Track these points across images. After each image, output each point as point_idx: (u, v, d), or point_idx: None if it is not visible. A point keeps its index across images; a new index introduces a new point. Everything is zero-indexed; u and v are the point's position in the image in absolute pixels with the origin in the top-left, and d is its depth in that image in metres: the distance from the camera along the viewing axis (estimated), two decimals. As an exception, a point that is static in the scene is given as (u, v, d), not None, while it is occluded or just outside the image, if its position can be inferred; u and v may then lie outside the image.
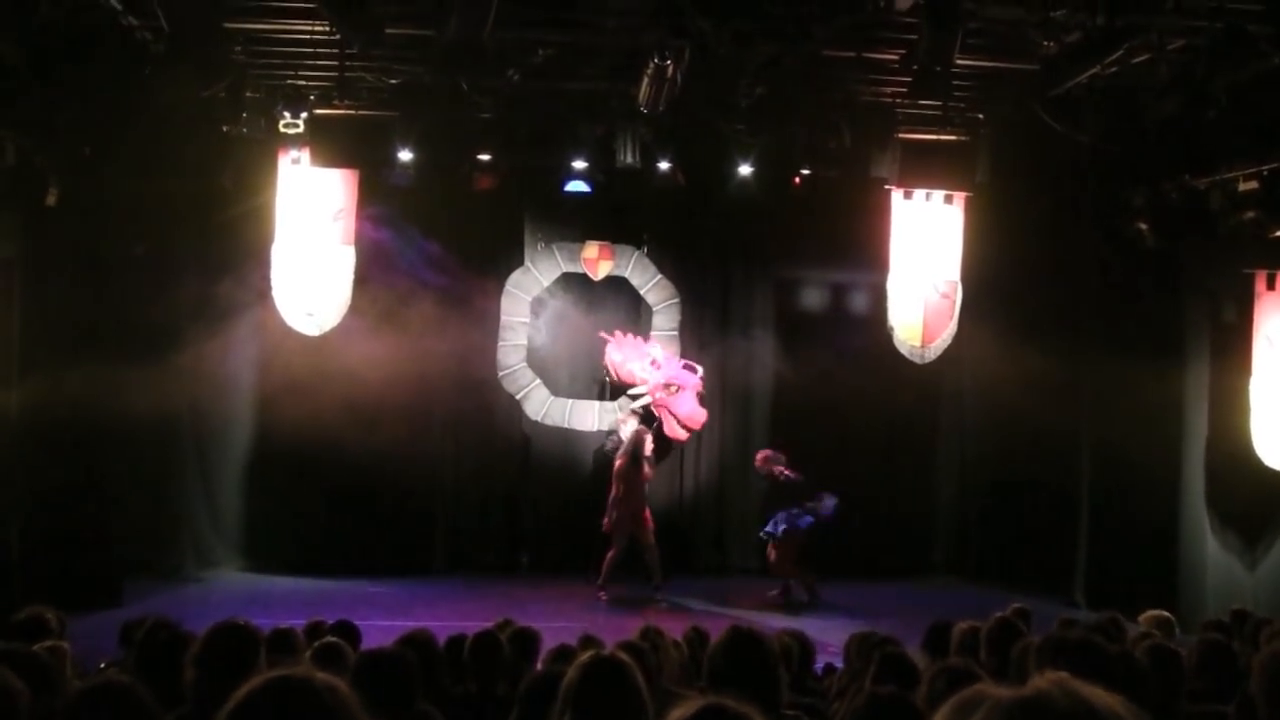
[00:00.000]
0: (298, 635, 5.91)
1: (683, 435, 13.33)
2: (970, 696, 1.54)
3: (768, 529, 12.49)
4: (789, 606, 12.36)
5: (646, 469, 12.44)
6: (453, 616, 10.44)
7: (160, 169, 11.04)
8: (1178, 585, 11.94)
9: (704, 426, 13.48)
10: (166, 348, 11.80)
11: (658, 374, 13.19)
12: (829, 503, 12.41)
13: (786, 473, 12.36)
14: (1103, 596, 11.78)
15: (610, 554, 12.31)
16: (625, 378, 13.59)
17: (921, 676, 4.40)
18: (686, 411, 13.05)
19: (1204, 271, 12.12)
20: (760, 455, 12.66)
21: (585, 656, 3.28)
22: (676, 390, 13.09)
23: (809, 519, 12.32)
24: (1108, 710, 1.44)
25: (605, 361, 13.72)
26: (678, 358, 13.76)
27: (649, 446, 12.44)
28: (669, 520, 14.00)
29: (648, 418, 13.27)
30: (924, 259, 12.42)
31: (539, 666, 5.59)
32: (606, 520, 12.30)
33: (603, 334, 13.75)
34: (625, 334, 13.77)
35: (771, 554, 12.57)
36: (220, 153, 11.53)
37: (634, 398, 13.49)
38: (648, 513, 12.39)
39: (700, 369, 13.70)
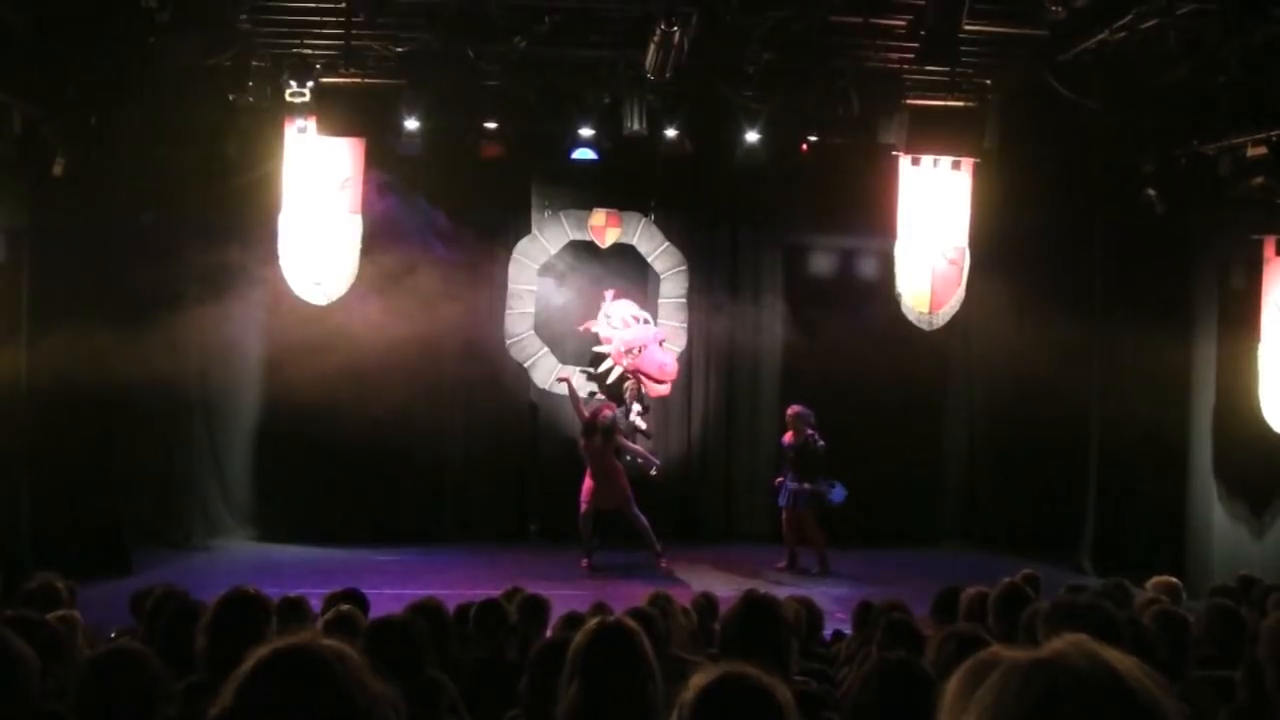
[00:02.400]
0: (307, 603, 5.94)
1: (662, 391, 13.31)
2: (985, 659, 1.54)
3: (783, 499, 12.51)
4: (797, 573, 12.40)
5: (640, 442, 12.52)
6: (462, 584, 10.50)
7: (166, 138, 11.03)
8: (1185, 552, 11.96)
9: (677, 376, 13.35)
10: (174, 317, 11.81)
11: (616, 341, 13.20)
12: (839, 492, 12.43)
13: (814, 435, 12.37)
14: (1110, 563, 11.80)
15: (581, 524, 12.32)
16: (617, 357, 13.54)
17: (929, 642, 4.42)
18: (656, 367, 12.99)
19: (1213, 238, 12.07)
20: (793, 409, 12.63)
21: (593, 623, 3.30)
22: (639, 350, 13.06)
23: (839, 493, 12.39)
24: (1127, 672, 1.44)
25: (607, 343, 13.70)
26: (639, 319, 13.72)
27: (604, 420, 12.19)
28: (675, 487, 14.04)
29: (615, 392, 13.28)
30: (932, 225, 12.35)
31: (549, 634, 5.61)
32: (582, 495, 12.33)
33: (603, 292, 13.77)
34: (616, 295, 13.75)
35: (787, 522, 12.59)
36: (226, 122, 11.52)
37: (605, 373, 13.47)
38: (624, 484, 12.31)
39: (654, 322, 13.77)
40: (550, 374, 14.03)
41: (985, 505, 14.48)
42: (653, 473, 12.77)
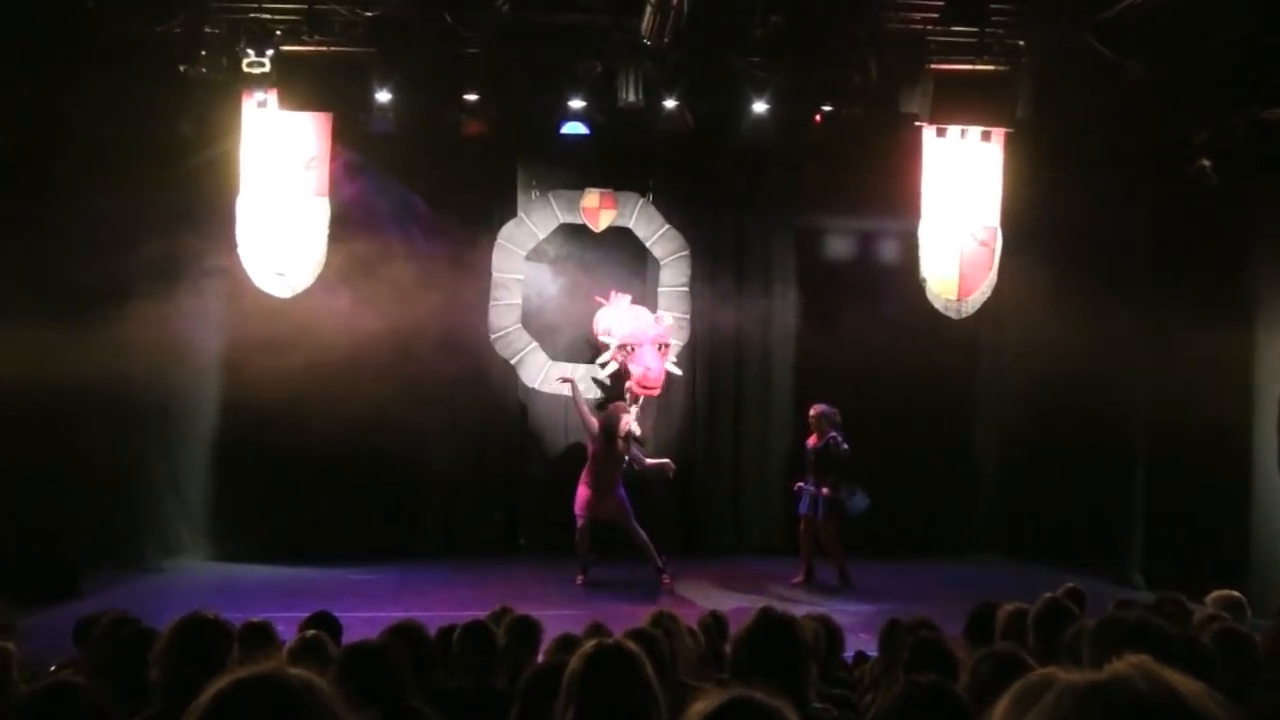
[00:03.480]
0: (273, 629, 5.91)
1: (652, 392, 13.24)
2: (1036, 681, 1.52)
3: (803, 506, 12.51)
4: (815, 589, 12.39)
5: (634, 449, 12.52)
6: (445, 605, 10.48)
7: (110, 115, 10.99)
8: (1249, 562, 11.84)
9: (662, 385, 13.24)
10: (122, 314, 11.73)
11: (614, 337, 13.17)
12: (860, 500, 12.41)
13: (838, 437, 12.36)
14: (1164, 575, 11.75)
15: (578, 535, 12.35)
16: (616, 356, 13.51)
17: (962, 665, 4.40)
18: (639, 371, 12.96)
19: (1274, 213, 12.03)
20: (816, 409, 12.61)
21: (589, 645, 3.28)
22: (632, 350, 13.05)
23: (861, 502, 12.37)
24: (1192, 697, 1.42)
25: (596, 331, 13.69)
26: (646, 313, 13.69)
27: (625, 425, 12.39)
28: (679, 497, 14.03)
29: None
30: (960, 203, 12.34)
31: (540, 658, 5.59)
32: (577, 503, 12.38)
33: (597, 298, 13.72)
34: (619, 295, 13.70)
35: (804, 532, 12.59)
36: (177, 96, 11.49)
37: (603, 366, 13.45)
38: (623, 495, 12.35)
39: (667, 318, 13.74)
40: (540, 370, 14.02)
41: (1021, 512, 14.47)
42: (670, 475, 12.78)
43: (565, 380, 13.02)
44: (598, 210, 14.25)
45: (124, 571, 12.36)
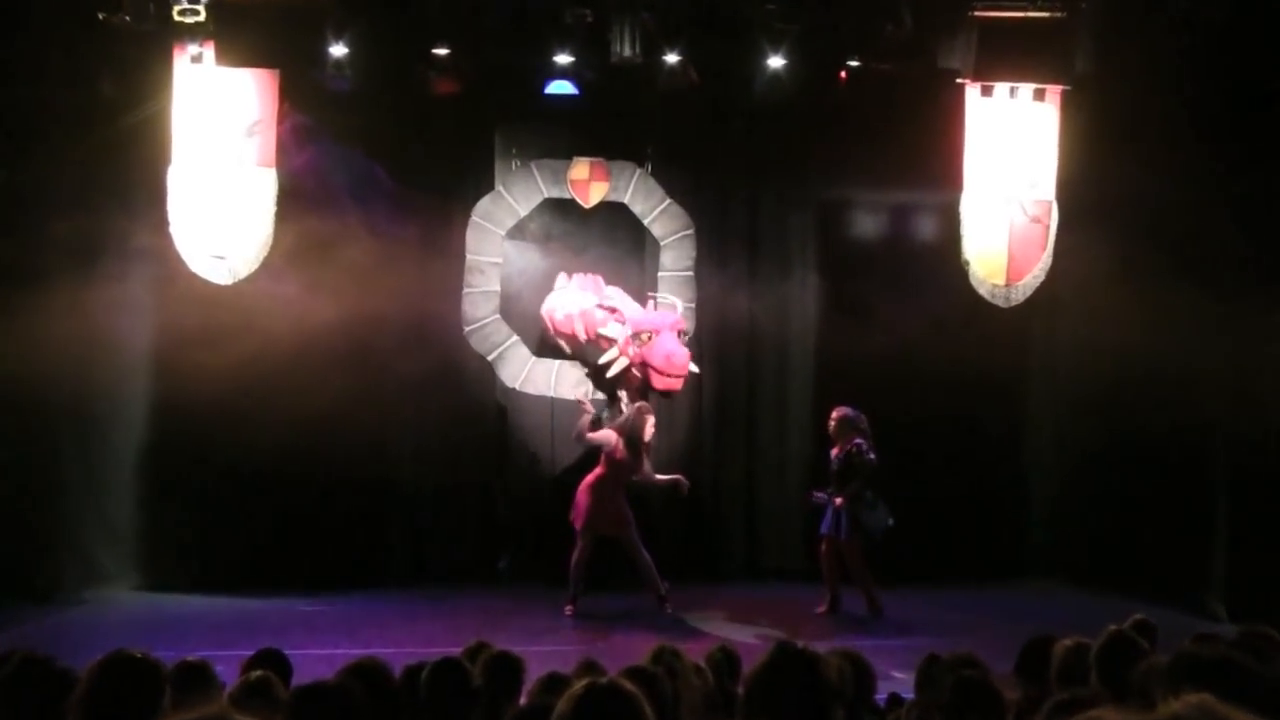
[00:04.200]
0: (211, 669, 5.90)
1: (674, 385, 13.15)
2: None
3: (825, 524, 12.51)
4: (840, 620, 12.39)
5: (645, 460, 12.54)
6: (412, 640, 10.51)
7: (20, 72, 10.96)
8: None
9: (688, 372, 13.23)
10: (33, 302, 11.71)
11: (622, 327, 13.05)
12: (880, 517, 12.40)
13: (863, 444, 12.35)
14: (1249, 605, 11.75)
15: (576, 556, 12.40)
16: (563, 328, 13.48)
17: (1010, 708, 4.39)
18: (662, 358, 12.78)
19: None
20: (838, 412, 12.62)
21: (580, 686, 3.27)
22: (650, 337, 12.93)
23: (881, 518, 12.36)
24: None
25: (542, 313, 13.72)
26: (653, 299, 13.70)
27: (650, 429, 12.43)
28: (686, 513, 14.02)
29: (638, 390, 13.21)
30: (1008, 173, 12.35)
31: (523, 700, 5.58)
32: (575, 513, 12.43)
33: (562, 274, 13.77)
34: (585, 276, 13.70)
35: (826, 555, 12.59)
36: (98, 50, 11.46)
37: (603, 367, 13.38)
38: (625, 506, 12.43)
39: (680, 303, 13.69)
40: (522, 368, 13.98)
41: (1081, 532, 14.46)
42: (683, 492, 12.82)
43: (581, 406, 12.92)
44: (588, 183, 14.23)
45: (36, 605, 12.31)
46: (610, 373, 13.22)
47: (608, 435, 12.41)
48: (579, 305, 13.33)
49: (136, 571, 13.70)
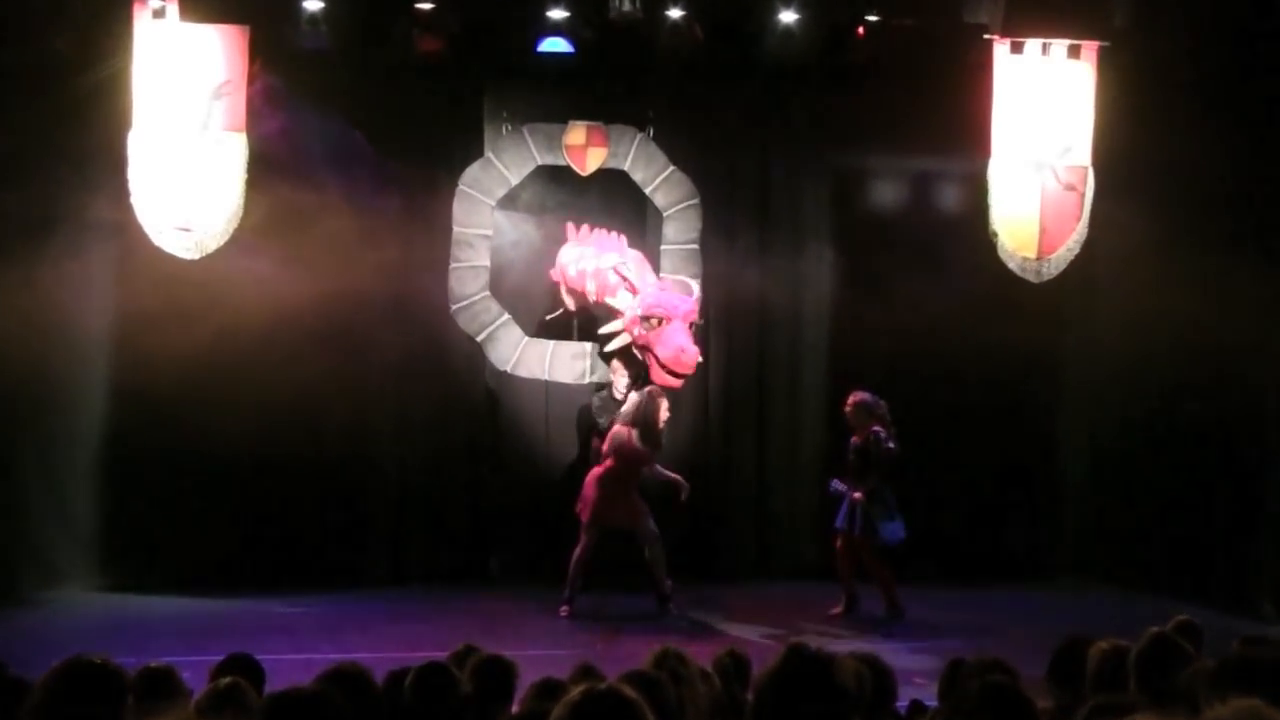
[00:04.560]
0: (177, 676, 5.90)
1: (673, 382, 13.08)
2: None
3: (840, 518, 12.51)
4: (858, 621, 12.40)
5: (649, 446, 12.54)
6: (395, 644, 10.50)
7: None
8: None
9: (695, 370, 13.13)
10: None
11: (634, 301, 12.94)
12: (898, 530, 12.38)
13: (881, 431, 12.32)
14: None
15: (578, 552, 12.41)
16: (575, 284, 13.46)
17: (1042, 716, 4.37)
18: (671, 353, 12.68)
19: None
20: (854, 398, 12.58)
21: (577, 692, 3.27)
22: (659, 323, 12.81)
23: (896, 530, 12.35)
24: None
25: (555, 270, 13.73)
26: (658, 277, 13.60)
27: (665, 413, 12.41)
28: (691, 508, 13.98)
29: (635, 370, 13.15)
30: (1040, 137, 12.34)
31: (515, 707, 5.58)
32: (581, 505, 12.43)
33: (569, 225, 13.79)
34: (592, 229, 13.70)
35: (842, 551, 12.59)
36: (52, 4, 11.42)
37: (606, 338, 13.33)
38: (638, 497, 12.48)
39: (696, 288, 13.63)
40: (514, 349, 13.92)
41: (1119, 526, 14.45)
42: (682, 497, 12.75)
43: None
44: (585, 149, 14.18)
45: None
46: (608, 347, 13.19)
47: (618, 432, 12.35)
48: (595, 264, 13.31)
49: (96, 571, 13.71)
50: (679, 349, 12.44)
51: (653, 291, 12.91)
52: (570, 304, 13.77)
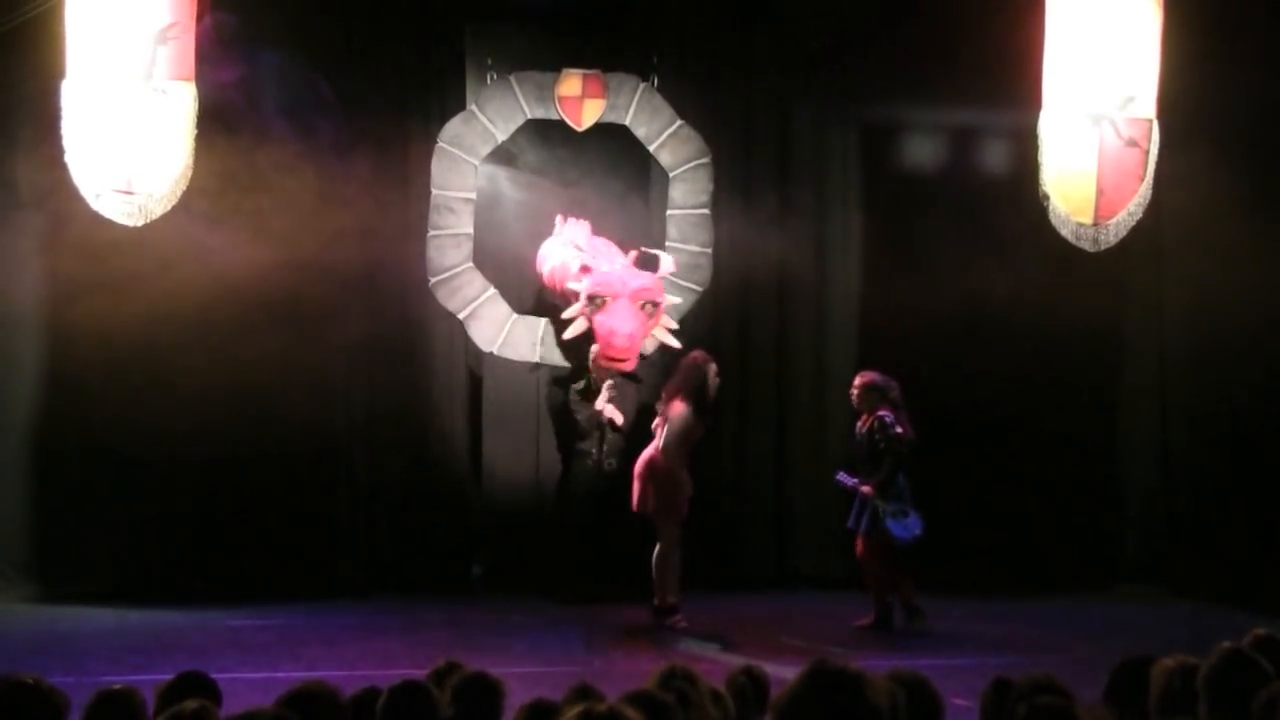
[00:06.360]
0: (138, 700, 5.92)
1: (618, 366, 13.06)
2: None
3: (851, 519, 12.54)
4: (889, 635, 12.43)
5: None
6: (366, 661, 10.58)
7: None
8: None
9: (631, 357, 13.13)
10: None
11: (584, 282, 13.01)
12: (914, 526, 12.38)
13: (888, 415, 12.32)
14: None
15: (663, 551, 12.29)
16: (549, 283, 13.62)
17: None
18: (602, 333, 12.77)
19: None
20: (862, 378, 12.63)
21: (573, 715, 3.29)
22: (603, 303, 12.89)
23: (911, 525, 12.34)
24: None
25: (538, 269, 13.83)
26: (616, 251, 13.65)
27: (715, 379, 12.45)
28: (701, 509, 14.01)
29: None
30: (1098, 86, 12.32)
31: (502, 734, 5.61)
32: (639, 497, 12.36)
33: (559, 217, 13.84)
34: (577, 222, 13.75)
35: (864, 556, 12.60)
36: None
37: (566, 323, 13.38)
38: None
39: (666, 259, 13.60)
40: (500, 328, 13.93)
41: (1188, 531, 14.48)
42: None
43: (606, 415, 12.99)
44: (580, 100, 14.19)
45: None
46: (565, 335, 13.25)
47: (676, 406, 12.32)
48: (561, 256, 13.36)
49: (28, 580, 13.71)
50: (610, 331, 12.72)
51: (604, 270, 13.05)
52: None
